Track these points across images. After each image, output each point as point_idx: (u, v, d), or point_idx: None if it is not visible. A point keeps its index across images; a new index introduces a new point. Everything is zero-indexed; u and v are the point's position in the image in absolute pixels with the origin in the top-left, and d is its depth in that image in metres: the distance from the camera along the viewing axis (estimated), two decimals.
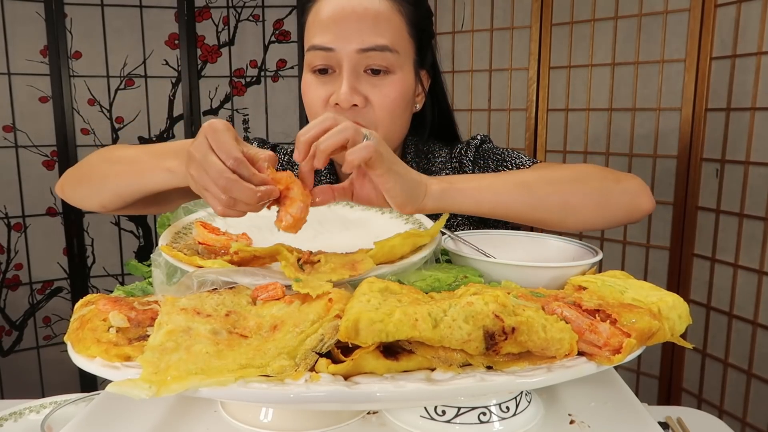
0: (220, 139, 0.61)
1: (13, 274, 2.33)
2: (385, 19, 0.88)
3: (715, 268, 1.82)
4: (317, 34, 0.89)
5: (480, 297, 0.50)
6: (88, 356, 0.50)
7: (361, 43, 0.87)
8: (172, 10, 2.42)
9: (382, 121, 0.91)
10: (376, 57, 0.88)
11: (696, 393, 1.91)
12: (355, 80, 0.88)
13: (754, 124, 1.67)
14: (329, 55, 0.88)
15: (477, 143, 1.03)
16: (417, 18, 0.93)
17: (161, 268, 0.65)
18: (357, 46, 0.87)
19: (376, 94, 0.89)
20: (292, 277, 0.56)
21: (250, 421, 0.54)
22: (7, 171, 2.28)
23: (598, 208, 0.80)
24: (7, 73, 2.23)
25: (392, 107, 0.91)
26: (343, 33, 0.87)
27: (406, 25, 0.91)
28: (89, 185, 0.85)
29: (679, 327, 0.54)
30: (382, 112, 0.90)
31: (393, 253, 0.64)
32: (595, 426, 0.54)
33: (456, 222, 1.00)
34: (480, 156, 1.01)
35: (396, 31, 0.90)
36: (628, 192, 0.82)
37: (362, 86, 0.89)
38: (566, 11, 2.05)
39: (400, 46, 0.90)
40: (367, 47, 0.87)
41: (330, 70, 0.90)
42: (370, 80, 0.89)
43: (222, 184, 0.58)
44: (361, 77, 0.89)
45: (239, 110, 2.54)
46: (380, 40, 0.87)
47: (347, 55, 0.87)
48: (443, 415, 0.52)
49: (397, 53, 0.89)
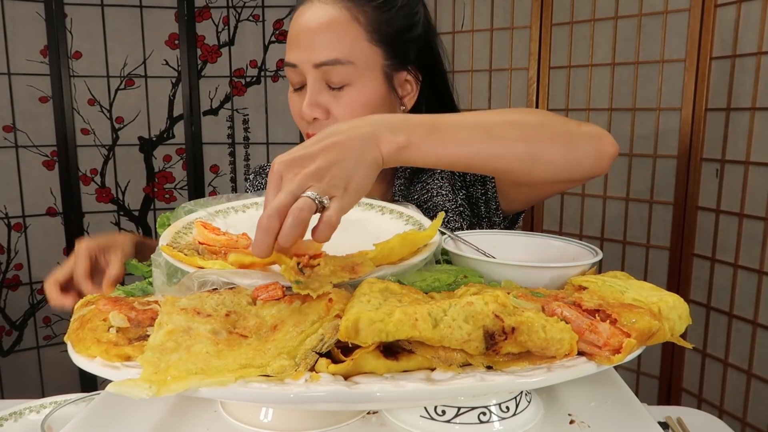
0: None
1: (13, 274, 2.33)
2: (337, 32, 0.89)
3: (715, 268, 1.82)
4: (287, 50, 0.93)
5: (480, 297, 0.50)
6: (88, 356, 0.50)
7: (315, 57, 0.89)
8: (172, 10, 2.42)
9: None
10: (330, 71, 0.90)
11: (696, 393, 1.91)
12: (317, 94, 0.91)
13: (754, 124, 1.67)
14: (296, 71, 0.92)
15: None
16: (381, 21, 0.91)
17: (161, 269, 0.65)
18: (313, 61, 0.89)
19: (337, 106, 0.91)
20: (292, 280, 0.56)
21: (250, 421, 0.54)
22: (7, 171, 2.28)
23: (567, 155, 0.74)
24: (8, 73, 2.23)
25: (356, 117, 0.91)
26: (301, 49, 0.90)
27: (366, 32, 0.90)
28: None
29: (679, 327, 0.54)
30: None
31: (392, 255, 0.64)
32: (595, 426, 0.54)
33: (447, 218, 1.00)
34: None
35: (350, 41, 0.89)
36: (592, 136, 0.77)
37: (324, 99, 0.91)
38: (566, 11, 2.05)
39: (357, 56, 0.90)
40: (319, 62, 0.89)
41: (302, 85, 0.93)
42: (332, 93, 0.91)
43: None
44: (324, 90, 0.91)
45: (239, 110, 2.54)
46: (331, 53, 0.89)
47: (307, 70, 0.90)
48: (443, 415, 0.52)
49: (352, 64, 0.89)
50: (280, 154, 0.61)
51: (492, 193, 0.99)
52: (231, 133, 2.56)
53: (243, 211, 0.83)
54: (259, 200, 0.85)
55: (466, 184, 1.02)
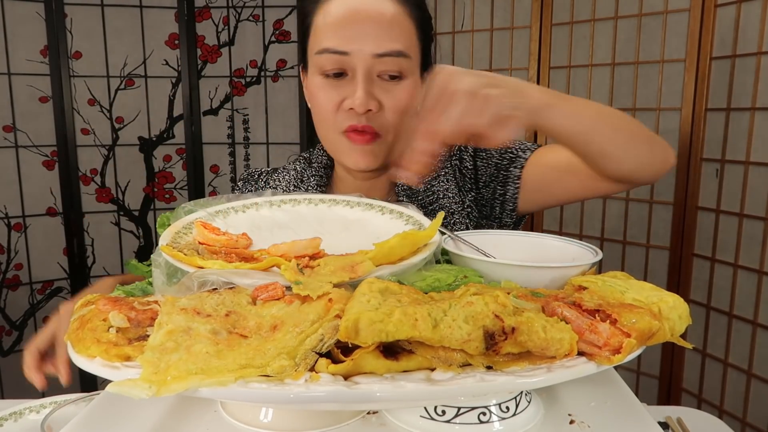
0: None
1: (13, 274, 2.33)
2: (399, 24, 0.88)
3: (715, 268, 1.82)
4: (329, 37, 0.87)
5: (480, 297, 0.50)
6: (88, 356, 0.50)
7: (377, 47, 0.86)
8: (172, 10, 2.42)
9: (393, 125, 0.91)
10: (391, 62, 0.87)
11: (696, 393, 1.91)
12: (370, 85, 0.88)
13: (754, 124, 1.67)
14: (343, 59, 0.87)
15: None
16: (423, 21, 0.93)
17: (161, 269, 0.65)
18: (373, 51, 0.86)
19: (390, 99, 0.89)
20: (292, 280, 0.56)
21: (250, 421, 0.54)
22: (7, 171, 2.28)
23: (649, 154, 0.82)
24: (8, 73, 2.23)
25: (403, 111, 0.91)
26: (358, 37, 0.86)
27: (416, 30, 0.91)
28: None
29: (679, 327, 0.54)
30: (393, 116, 0.90)
31: (392, 254, 0.64)
32: (595, 426, 0.54)
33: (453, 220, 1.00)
34: (480, 149, 1.02)
35: (408, 35, 0.90)
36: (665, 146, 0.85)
37: (376, 91, 0.88)
38: (566, 11, 2.05)
39: (412, 50, 0.90)
40: (383, 52, 0.86)
41: (343, 74, 0.89)
42: (383, 85, 0.89)
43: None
44: (375, 82, 0.88)
45: (239, 110, 2.54)
46: (396, 45, 0.87)
47: (362, 59, 0.86)
48: (443, 415, 0.52)
49: (410, 58, 0.89)
50: (291, 151, 0.61)
51: (512, 194, 0.98)
52: (231, 133, 2.56)
53: (243, 212, 0.83)
54: (260, 200, 0.85)
55: (477, 185, 1.01)
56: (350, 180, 1.02)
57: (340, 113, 0.90)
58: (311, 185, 1.02)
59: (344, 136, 0.91)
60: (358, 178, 1.01)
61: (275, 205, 0.85)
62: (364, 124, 0.89)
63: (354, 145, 0.91)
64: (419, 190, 1.00)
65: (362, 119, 0.88)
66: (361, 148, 0.91)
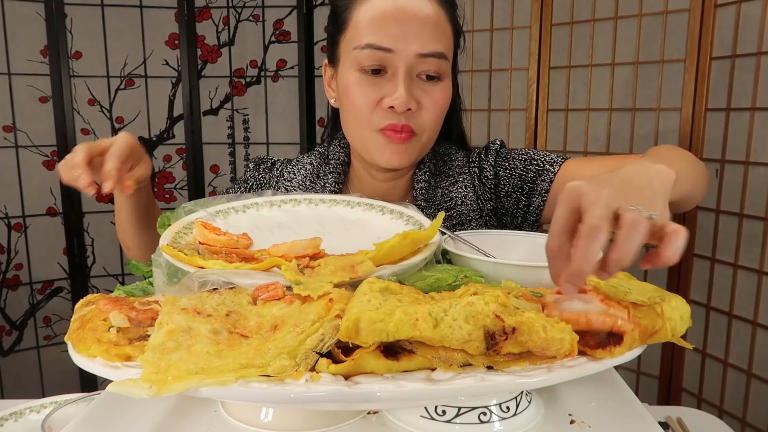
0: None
1: (14, 274, 2.33)
2: (441, 26, 0.89)
3: (715, 268, 1.82)
4: (373, 33, 0.87)
5: (480, 297, 0.50)
6: (89, 356, 0.50)
7: (421, 47, 0.86)
8: (173, 10, 2.42)
9: (430, 126, 0.92)
10: (432, 63, 0.88)
11: (696, 393, 1.91)
12: (410, 84, 0.88)
13: (753, 124, 1.67)
14: (386, 56, 0.87)
15: (497, 147, 1.03)
16: (457, 25, 0.95)
17: (162, 269, 0.65)
18: (417, 50, 0.86)
19: (428, 100, 0.90)
20: (293, 281, 0.56)
21: (250, 421, 0.54)
22: (8, 171, 2.28)
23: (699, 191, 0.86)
24: (8, 73, 2.23)
25: (440, 113, 0.92)
26: (403, 35, 0.86)
27: (452, 34, 0.93)
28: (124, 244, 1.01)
29: (680, 328, 0.54)
30: (431, 117, 0.91)
31: (392, 254, 0.64)
32: (596, 426, 0.54)
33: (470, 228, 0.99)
34: (502, 159, 1.01)
35: (447, 37, 0.91)
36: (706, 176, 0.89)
37: (415, 90, 0.89)
38: (566, 11, 2.05)
39: (449, 53, 0.92)
40: (426, 53, 0.87)
41: (383, 71, 0.88)
42: (422, 85, 0.89)
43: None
44: (414, 81, 0.89)
45: (239, 110, 2.54)
46: (438, 46, 0.88)
47: (405, 58, 0.86)
48: (443, 415, 0.52)
49: (447, 60, 0.91)
50: (291, 151, 0.60)
51: (537, 206, 0.97)
52: (231, 133, 2.56)
53: (243, 212, 0.83)
54: (260, 200, 0.85)
55: (498, 195, 1.00)
56: (369, 180, 1.01)
57: (377, 111, 0.89)
58: (328, 182, 1.00)
59: (380, 134, 0.90)
60: (378, 178, 1.00)
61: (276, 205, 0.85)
62: (404, 123, 0.89)
63: (390, 142, 0.90)
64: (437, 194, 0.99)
65: (401, 118, 0.88)
66: (396, 146, 0.91)
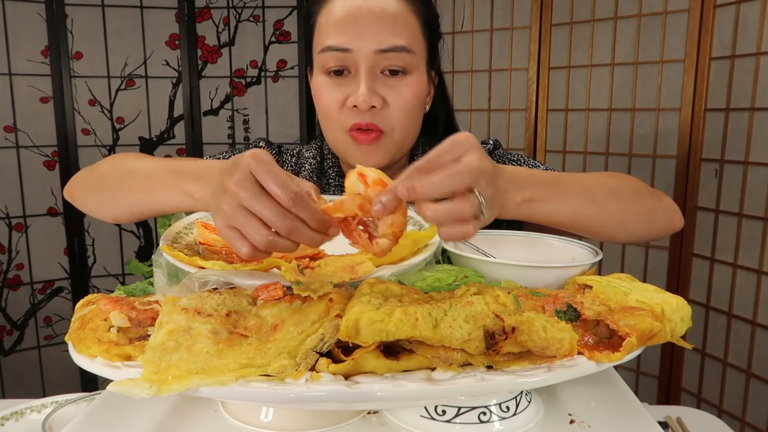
0: (272, 172, 0.53)
1: (14, 274, 2.34)
2: (402, 20, 0.88)
3: (715, 268, 1.82)
4: (331, 35, 0.87)
5: (480, 297, 0.50)
6: (89, 356, 0.50)
7: (379, 43, 0.86)
8: (173, 10, 2.42)
9: (399, 123, 0.91)
10: (394, 58, 0.87)
11: (695, 393, 1.91)
12: (373, 81, 0.87)
13: (753, 124, 1.67)
14: (345, 56, 0.87)
15: (490, 148, 1.03)
16: (428, 18, 0.93)
17: (162, 269, 0.65)
18: (375, 47, 0.86)
19: (394, 96, 0.89)
20: (293, 281, 0.56)
21: (250, 420, 0.54)
22: (8, 171, 2.28)
23: (647, 225, 0.81)
24: (8, 74, 2.23)
25: (409, 108, 0.91)
26: (360, 33, 0.86)
27: (420, 26, 0.91)
28: (100, 196, 0.84)
29: (680, 329, 0.54)
30: (399, 113, 0.90)
31: (392, 255, 0.64)
32: (595, 426, 0.54)
33: None
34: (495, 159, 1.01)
35: (412, 31, 0.90)
36: (668, 210, 0.84)
37: (379, 87, 0.88)
38: (566, 11, 2.05)
39: (416, 46, 0.90)
40: (385, 48, 0.86)
41: (345, 72, 0.88)
42: (387, 81, 0.89)
43: (286, 228, 0.52)
44: (378, 78, 0.88)
45: (239, 110, 2.55)
46: (398, 40, 0.87)
47: (365, 56, 0.86)
48: (443, 414, 0.52)
49: (414, 54, 0.89)
50: None
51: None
52: (231, 134, 2.56)
53: None
54: None
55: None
56: None
57: (344, 111, 0.89)
58: (332, 177, 1.02)
59: (349, 136, 0.90)
60: None
61: None
62: (368, 122, 0.88)
63: (359, 145, 0.90)
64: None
65: (366, 116, 0.88)
66: (366, 148, 0.90)
